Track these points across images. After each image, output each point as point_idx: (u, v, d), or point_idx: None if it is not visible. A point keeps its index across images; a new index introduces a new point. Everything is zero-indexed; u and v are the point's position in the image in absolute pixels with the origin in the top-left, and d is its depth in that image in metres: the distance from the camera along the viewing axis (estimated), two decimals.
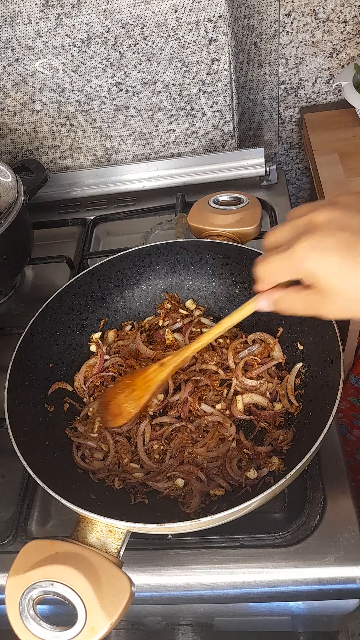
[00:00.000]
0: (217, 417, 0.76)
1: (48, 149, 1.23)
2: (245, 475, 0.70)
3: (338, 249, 0.46)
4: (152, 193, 1.21)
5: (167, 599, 0.70)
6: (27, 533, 0.74)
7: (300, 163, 1.40)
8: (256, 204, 0.91)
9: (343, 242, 0.46)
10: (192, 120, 1.17)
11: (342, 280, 0.46)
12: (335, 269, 0.46)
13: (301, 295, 0.50)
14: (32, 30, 1.02)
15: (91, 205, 1.25)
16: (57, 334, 0.84)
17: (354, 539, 0.67)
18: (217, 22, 1.01)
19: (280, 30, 1.13)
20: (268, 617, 0.82)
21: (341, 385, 0.64)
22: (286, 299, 0.52)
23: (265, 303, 0.55)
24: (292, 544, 0.67)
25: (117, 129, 1.18)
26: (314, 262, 0.47)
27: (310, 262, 0.47)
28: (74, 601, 0.53)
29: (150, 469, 0.74)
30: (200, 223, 0.91)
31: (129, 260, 0.88)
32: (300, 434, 0.73)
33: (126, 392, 0.73)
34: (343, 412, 1.40)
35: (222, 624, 0.82)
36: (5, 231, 0.92)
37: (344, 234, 0.46)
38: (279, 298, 0.53)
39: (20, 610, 0.53)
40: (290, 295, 0.52)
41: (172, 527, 0.57)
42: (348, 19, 1.12)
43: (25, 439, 0.68)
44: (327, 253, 0.46)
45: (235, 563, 0.67)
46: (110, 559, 0.56)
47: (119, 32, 1.02)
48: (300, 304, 0.51)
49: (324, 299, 0.48)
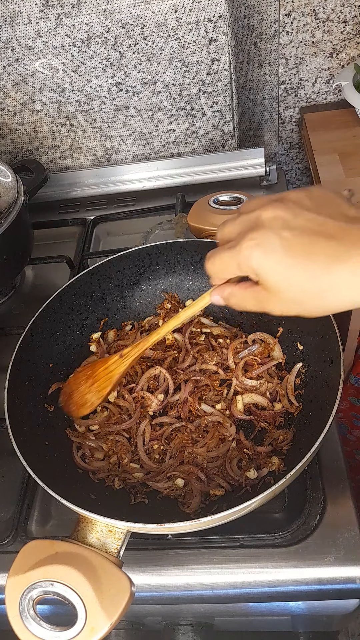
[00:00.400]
0: (217, 417, 0.76)
1: (48, 149, 1.23)
2: (245, 475, 0.70)
3: (281, 249, 0.46)
4: (152, 193, 1.21)
5: (167, 599, 0.70)
6: (27, 533, 0.74)
7: (300, 163, 1.40)
8: None
9: (285, 242, 0.46)
10: (192, 120, 1.17)
11: (283, 280, 0.46)
12: (277, 268, 0.46)
13: (250, 291, 0.51)
14: (32, 30, 1.02)
15: (91, 205, 1.25)
16: (57, 334, 0.84)
17: (354, 539, 0.66)
18: (217, 22, 1.01)
19: (280, 30, 1.13)
20: (268, 617, 0.82)
21: (341, 385, 0.64)
22: (236, 295, 0.53)
23: (217, 298, 0.55)
24: (292, 544, 0.67)
25: (117, 129, 1.18)
26: (257, 260, 0.47)
27: (254, 260, 0.47)
28: (74, 601, 0.53)
29: (150, 469, 0.74)
30: (200, 223, 0.91)
31: (129, 260, 0.88)
32: (300, 434, 0.73)
33: (88, 382, 0.75)
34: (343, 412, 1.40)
35: (222, 624, 0.82)
36: (5, 231, 0.92)
37: (287, 233, 0.46)
38: (229, 294, 0.53)
39: (20, 610, 0.53)
40: (239, 291, 0.52)
41: (172, 527, 0.57)
42: (348, 19, 1.12)
43: (25, 439, 0.68)
44: (269, 252, 0.46)
45: (235, 563, 0.67)
46: (110, 559, 0.56)
47: (119, 32, 1.02)
48: (249, 300, 0.51)
49: (270, 297, 0.49)
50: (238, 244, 0.48)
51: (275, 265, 0.46)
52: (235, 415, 0.77)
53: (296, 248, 0.45)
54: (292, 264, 0.45)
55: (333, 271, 0.44)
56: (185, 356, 0.83)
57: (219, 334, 0.85)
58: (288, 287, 0.47)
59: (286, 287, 0.47)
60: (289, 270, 0.46)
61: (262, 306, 0.50)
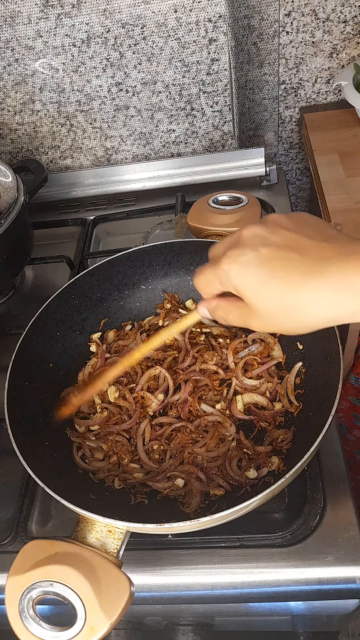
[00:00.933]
0: (217, 417, 0.76)
1: (48, 149, 1.23)
2: (245, 475, 0.70)
3: (257, 264, 0.47)
4: (152, 193, 1.21)
5: (166, 599, 0.70)
6: (27, 533, 0.74)
7: (300, 163, 1.40)
8: (256, 204, 0.92)
9: (262, 257, 0.47)
10: (192, 120, 1.17)
11: (260, 295, 0.47)
12: (253, 281, 0.47)
13: (234, 305, 0.52)
14: (32, 30, 1.02)
15: (91, 205, 1.25)
16: (57, 334, 0.84)
17: (354, 539, 0.66)
18: (217, 22, 1.01)
19: (280, 30, 1.13)
20: (268, 617, 0.82)
21: (341, 384, 0.64)
22: (221, 309, 0.54)
23: (204, 310, 0.57)
24: (292, 544, 0.67)
25: (117, 129, 1.18)
26: (235, 277, 0.48)
27: (232, 275, 0.48)
28: (74, 601, 0.53)
29: (150, 469, 0.74)
30: (200, 223, 0.91)
31: (129, 260, 0.88)
32: (300, 434, 0.73)
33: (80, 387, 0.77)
34: (343, 412, 1.40)
35: (222, 624, 0.82)
36: (5, 231, 0.92)
37: (265, 249, 0.47)
38: (214, 307, 0.54)
39: (20, 610, 0.53)
40: (224, 305, 0.53)
41: (172, 527, 0.57)
42: (348, 19, 1.12)
43: (25, 439, 0.68)
44: (246, 266, 0.47)
45: (235, 563, 0.67)
46: (109, 559, 0.56)
47: (119, 32, 1.02)
48: (233, 314, 0.52)
49: (251, 312, 0.49)
50: (219, 261, 0.50)
51: (252, 279, 0.47)
52: (235, 415, 0.77)
53: (271, 263, 0.46)
54: (267, 278, 0.46)
55: (307, 286, 0.44)
56: (185, 356, 0.83)
57: (219, 333, 0.85)
58: (264, 301, 0.47)
59: (262, 301, 0.47)
60: (265, 285, 0.47)
61: (244, 321, 0.51)
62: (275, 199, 1.14)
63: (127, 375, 0.83)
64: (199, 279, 0.54)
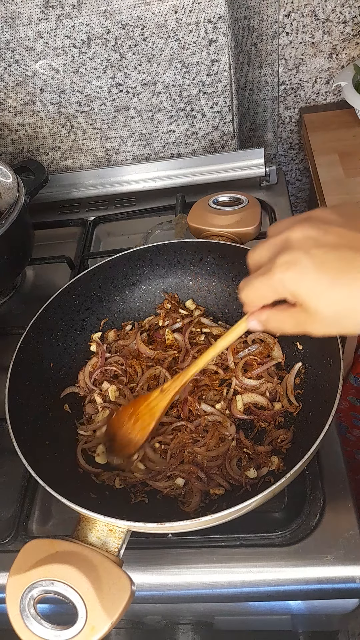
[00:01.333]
0: (217, 417, 0.77)
1: (48, 149, 1.23)
2: (245, 474, 0.70)
3: (315, 268, 0.45)
4: (152, 194, 1.21)
5: (167, 598, 0.70)
6: (27, 532, 0.74)
7: (300, 163, 1.40)
8: (256, 205, 0.92)
9: (319, 260, 0.45)
10: (192, 121, 1.17)
11: (321, 300, 0.45)
12: (314, 288, 0.45)
13: (287, 313, 0.50)
14: (32, 31, 1.02)
15: (91, 205, 1.25)
16: (57, 334, 0.84)
17: (354, 538, 0.67)
18: (217, 23, 1.01)
19: (280, 31, 1.13)
20: (268, 617, 0.82)
21: (341, 385, 0.64)
22: (274, 319, 0.52)
23: (255, 323, 0.54)
24: (292, 544, 0.67)
25: (117, 130, 1.18)
26: (293, 283, 0.46)
27: (289, 282, 0.46)
28: (75, 600, 0.53)
29: (154, 467, 0.74)
30: (200, 223, 0.91)
31: (129, 261, 0.88)
32: (300, 434, 0.73)
33: (132, 420, 0.73)
34: (343, 412, 1.40)
35: (222, 623, 0.82)
36: (6, 232, 0.92)
37: (319, 251, 0.45)
38: (266, 319, 0.52)
39: (21, 609, 0.53)
40: (277, 315, 0.51)
41: (172, 526, 0.57)
42: (348, 19, 1.12)
43: (26, 439, 0.68)
44: (304, 273, 0.45)
45: (235, 562, 0.68)
46: (110, 558, 0.56)
47: (119, 33, 1.02)
48: (288, 322, 0.50)
49: (310, 317, 0.47)
50: (270, 269, 0.47)
51: (312, 285, 0.45)
52: (235, 415, 0.77)
53: (329, 265, 0.45)
54: (328, 282, 0.45)
55: None
56: (185, 356, 0.83)
57: (219, 334, 0.86)
58: (326, 306, 0.46)
59: (324, 306, 0.46)
60: (327, 290, 0.45)
61: (302, 328, 0.49)
62: (275, 199, 1.14)
63: (127, 374, 0.83)
64: (248, 291, 0.51)
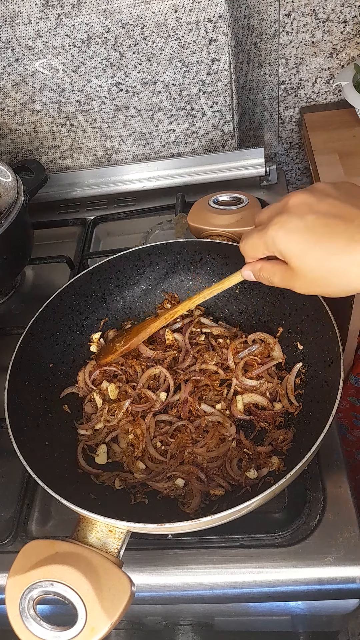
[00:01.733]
0: (217, 417, 0.76)
1: (48, 149, 1.23)
2: (245, 475, 0.70)
3: (302, 231, 0.50)
4: (152, 193, 1.21)
5: (167, 598, 0.70)
6: (27, 533, 0.74)
7: (300, 163, 1.40)
8: (256, 204, 0.92)
9: (308, 224, 0.50)
10: (192, 121, 1.17)
11: (304, 259, 0.50)
12: (298, 247, 0.50)
13: (278, 268, 0.55)
14: (32, 30, 1.02)
15: (91, 205, 1.25)
16: (57, 334, 0.84)
17: (354, 539, 0.67)
18: (217, 22, 1.01)
19: (280, 31, 1.13)
20: (268, 617, 0.82)
21: (341, 385, 0.64)
22: (265, 270, 0.57)
23: (248, 273, 0.60)
24: (292, 544, 0.67)
25: (117, 129, 1.18)
26: (281, 242, 0.52)
27: (278, 241, 0.52)
28: (74, 601, 0.53)
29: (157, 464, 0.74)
30: (200, 223, 0.91)
31: (129, 260, 0.88)
32: (300, 434, 0.73)
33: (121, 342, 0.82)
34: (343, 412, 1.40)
35: (222, 624, 0.82)
36: (5, 231, 0.92)
37: (311, 216, 0.50)
38: (260, 269, 0.58)
39: (21, 610, 0.53)
40: (269, 267, 0.56)
41: (172, 527, 0.57)
42: (348, 19, 1.12)
43: (25, 439, 0.68)
44: (292, 234, 0.51)
45: (235, 563, 0.67)
46: (110, 559, 0.56)
47: (119, 32, 1.02)
48: (277, 276, 0.56)
49: (294, 275, 0.53)
50: (266, 227, 0.53)
51: (297, 245, 0.50)
52: (235, 415, 0.77)
53: (317, 230, 0.49)
54: (312, 244, 0.49)
55: (351, 251, 0.47)
56: (185, 356, 0.83)
57: (219, 334, 0.86)
58: (308, 266, 0.50)
59: (306, 265, 0.50)
60: (310, 250, 0.50)
61: (288, 283, 0.55)
62: (275, 199, 1.14)
63: (127, 374, 0.83)
64: (245, 243, 0.57)
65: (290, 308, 0.80)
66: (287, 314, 0.81)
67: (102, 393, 0.81)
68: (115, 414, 0.78)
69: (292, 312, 0.80)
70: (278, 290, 0.81)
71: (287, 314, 0.81)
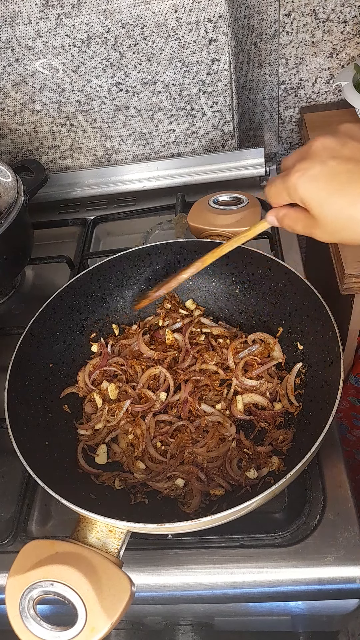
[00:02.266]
0: (217, 417, 0.76)
1: (48, 149, 1.23)
2: (245, 475, 0.70)
3: (325, 177, 0.49)
4: (152, 193, 1.21)
5: (167, 598, 0.70)
6: (27, 533, 0.74)
7: None
8: (256, 204, 0.92)
9: (330, 170, 0.49)
10: (192, 121, 1.17)
11: (325, 208, 0.50)
12: (321, 196, 0.49)
13: (300, 214, 0.54)
14: (32, 30, 1.02)
15: (91, 205, 1.25)
16: (57, 334, 0.84)
17: (354, 539, 0.66)
18: (217, 22, 1.01)
19: (280, 31, 1.13)
20: (268, 617, 0.82)
21: (341, 385, 0.64)
22: (288, 217, 0.56)
23: (272, 218, 0.59)
24: (292, 544, 0.67)
25: (117, 129, 1.18)
26: (303, 189, 0.51)
27: (300, 188, 0.51)
28: (74, 601, 0.53)
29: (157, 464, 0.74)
30: (200, 223, 0.91)
31: (129, 260, 0.88)
32: (300, 434, 0.73)
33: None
34: (343, 412, 1.40)
35: (222, 624, 0.82)
36: (5, 231, 0.92)
37: (333, 162, 0.49)
38: (283, 215, 0.57)
39: (21, 610, 0.53)
40: (292, 213, 0.56)
41: (172, 527, 0.57)
42: (348, 19, 1.12)
43: (25, 439, 0.68)
44: (314, 180, 0.50)
45: (235, 563, 0.67)
46: (110, 559, 0.56)
47: (119, 32, 1.02)
48: (299, 223, 0.55)
49: (315, 222, 0.52)
50: (289, 173, 0.52)
51: (318, 192, 0.49)
52: (235, 415, 0.77)
53: (338, 177, 0.48)
54: (333, 191, 0.48)
55: None
56: (185, 356, 0.83)
57: (219, 334, 0.86)
58: (328, 213, 0.50)
59: (327, 213, 0.50)
60: (329, 198, 0.49)
61: (309, 231, 0.54)
62: None
63: (127, 374, 0.83)
64: (269, 189, 0.56)
65: (290, 308, 0.80)
66: (287, 314, 0.81)
67: (102, 393, 0.81)
68: (115, 414, 0.78)
69: (292, 312, 0.80)
70: (278, 290, 0.81)
71: (287, 314, 0.81)
